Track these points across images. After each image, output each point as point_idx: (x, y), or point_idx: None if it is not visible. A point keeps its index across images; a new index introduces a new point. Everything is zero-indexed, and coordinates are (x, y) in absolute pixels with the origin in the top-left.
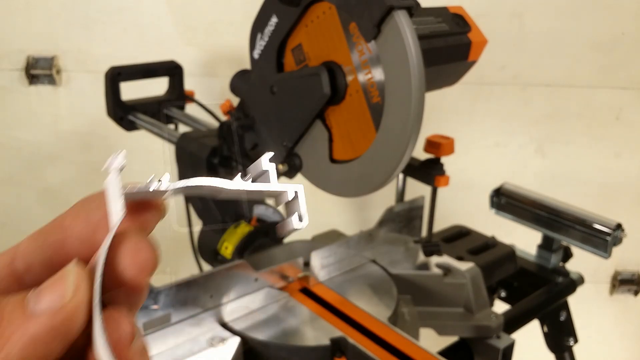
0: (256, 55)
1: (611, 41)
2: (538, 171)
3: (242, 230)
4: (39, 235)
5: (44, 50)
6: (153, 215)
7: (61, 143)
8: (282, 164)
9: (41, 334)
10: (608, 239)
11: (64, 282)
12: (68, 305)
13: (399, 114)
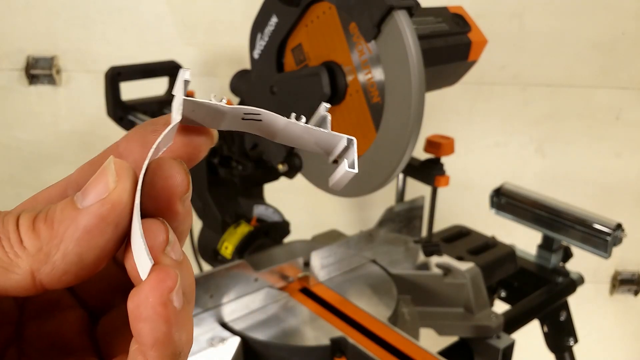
0: (256, 55)
1: (611, 41)
2: (538, 171)
3: (242, 230)
4: (92, 163)
5: (43, 50)
6: (204, 141)
7: (61, 143)
8: (282, 163)
9: (92, 224)
10: (608, 239)
11: (106, 174)
12: (113, 193)
13: (399, 114)
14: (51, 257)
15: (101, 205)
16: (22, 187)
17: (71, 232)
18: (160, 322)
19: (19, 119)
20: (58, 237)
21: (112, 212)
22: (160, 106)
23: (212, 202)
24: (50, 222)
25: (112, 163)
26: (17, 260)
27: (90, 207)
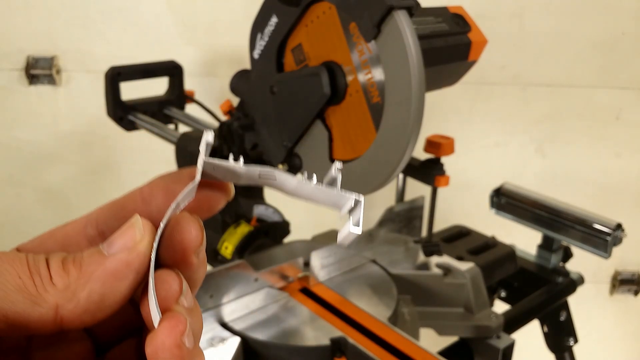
0: (256, 55)
1: (611, 41)
2: (538, 171)
3: (242, 230)
4: (115, 204)
5: (43, 50)
6: (221, 196)
7: (61, 143)
8: (282, 164)
9: (118, 268)
10: (608, 239)
11: (133, 228)
12: (139, 244)
13: (399, 114)
14: (77, 295)
15: (128, 253)
16: (22, 187)
17: (98, 273)
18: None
19: (19, 119)
20: (85, 276)
21: (136, 260)
22: (160, 106)
23: None
24: (79, 263)
25: (139, 220)
26: (45, 295)
27: (116, 254)
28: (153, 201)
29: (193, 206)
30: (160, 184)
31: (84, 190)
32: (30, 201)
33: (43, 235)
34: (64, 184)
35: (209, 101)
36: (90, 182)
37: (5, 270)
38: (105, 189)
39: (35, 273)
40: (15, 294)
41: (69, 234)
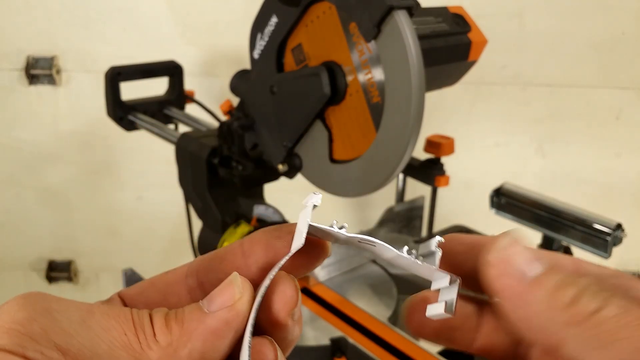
0: (256, 55)
1: (611, 41)
2: (538, 171)
3: (242, 230)
4: (215, 256)
5: (44, 50)
6: (319, 255)
7: (61, 143)
8: (282, 163)
9: (218, 327)
10: (608, 239)
11: (232, 286)
12: (238, 302)
13: (399, 114)
14: (178, 352)
15: (228, 311)
16: (22, 187)
17: (200, 331)
18: None
19: (19, 119)
20: (187, 334)
21: (236, 319)
22: (160, 106)
23: (212, 202)
24: (181, 321)
25: (238, 278)
26: (148, 352)
27: (217, 312)
28: (252, 256)
29: (289, 265)
30: (261, 238)
31: (84, 190)
32: (30, 201)
33: (144, 283)
34: (64, 184)
35: (209, 101)
36: (90, 182)
37: (112, 327)
38: (105, 189)
39: (140, 330)
40: (120, 350)
41: (169, 283)
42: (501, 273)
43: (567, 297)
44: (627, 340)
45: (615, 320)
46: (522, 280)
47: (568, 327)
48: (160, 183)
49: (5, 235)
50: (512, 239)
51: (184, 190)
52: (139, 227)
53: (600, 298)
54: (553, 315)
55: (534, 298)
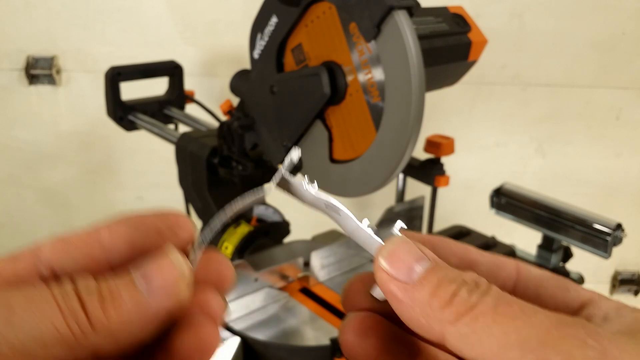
0: (256, 55)
1: (611, 41)
2: (538, 171)
3: (242, 230)
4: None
5: (44, 50)
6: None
7: (61, 143)
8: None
9: (160, 317)
10: (608, 239)
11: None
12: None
13: (399, 114)
14: (117, 339)
15: (170, 301)
16: (22, 187)
17: (140, 319)
18: None
19: (19, 119)
20: (127, 322)
21: (179, 309)
22: (160, 106)
23: (212, 202)
24: (120, 307)
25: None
26: (84, 342)
27: (158, 299)
28: (114, 254)
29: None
30: (123, 234)
31: (84, 190)
32: (30, 201)
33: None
34: (64, 184)
35: (209, 101)
36: (90, 182)
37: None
38: (105, 189)
39: (71, 319)
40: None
41: (20, 276)
42: (387, 278)
43: (445, 296)
44: (495, 336)
45: (485, 318)
46: (407, 284)
47: (448, 325)
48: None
49: (5, 235)
50: (399, 242)
51: (184, 190)
52: None
53: (476, 295)
54: (435, 314)
55: (416, 300)
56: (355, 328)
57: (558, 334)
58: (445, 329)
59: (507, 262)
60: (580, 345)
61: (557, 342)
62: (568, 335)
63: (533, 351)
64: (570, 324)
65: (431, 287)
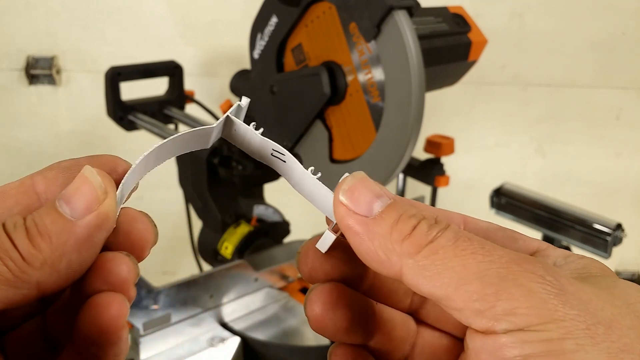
0: (256, 55)
1: (611, 41)
2: (538, 171)
3: (242, 230)
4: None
5: (44, 50)
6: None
7: (61, 143)
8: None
9: (90, 235)
10: (608, 239)
11: (92, 184)
12: (104, 205)
13: (399, 114)
14: (56, 268)
15: (96, 217)
16: None
17: (72, 243)
18: None
19: (19, 119)
20: (59, 249)
21: (106, 222)
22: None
23: (212, 202)
24: (47, 235)
25: (95, 173)
26: (23, 277)
27: (84, 220)
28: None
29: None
30: (59, 180)
31: None
32: None
33: None
34: None
35: (209, 101)
36: None
37: None
38: None
39: (7, 258)
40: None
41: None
42: (347, 212)
43: (405, 228)
44: (454, 269)
45: (445, 251)
46: (366, 217)
47: (405, 258)
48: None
49: None
50: (359, 178)
51: (184, 190)
52: None
53: (436, 229)
54: (394, 247)
55: (376, 233)
56: (323, 300)
57: (518, 268)
58: (404, 261)
59: (454, 215)
60: (539, 281)
61: (517, 277)
62: (527, 271)
63: (493, 284)
64: (530, 261)
65: (391, 221)
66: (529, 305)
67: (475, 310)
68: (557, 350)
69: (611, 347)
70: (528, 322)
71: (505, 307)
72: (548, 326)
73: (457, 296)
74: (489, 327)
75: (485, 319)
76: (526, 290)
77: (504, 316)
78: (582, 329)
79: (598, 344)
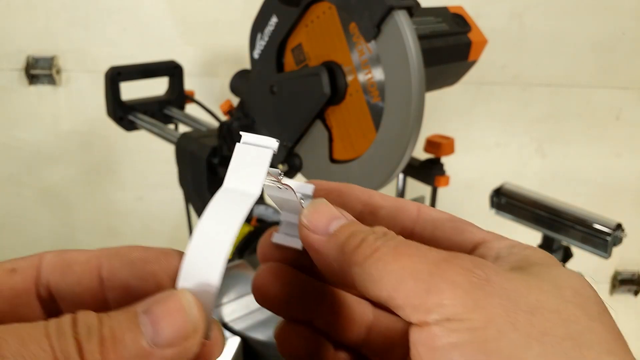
0: (256, 55)
1: (611, 41)
2: (538, 171)
3: (242, 230)
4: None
5: (44, 50)
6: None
7: (61, 143)
8: (282, 163)
9: None
10: (608, 239)
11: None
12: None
13: (399, 114)
14: None
15: (178, 354)
16: (22, 187)
17: None
18: None
19: (19, 119)
20: None
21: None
22: (160, 106)
23: None
24: (119, 353)
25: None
26: None
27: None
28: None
29: None
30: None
31: (84, 190)
32: (30, 201)
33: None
34: (64, 184)
35: (209, 101)
36: (90, 182)
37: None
38: (106, 189)
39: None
40: None
41: (18, 292)
42: (307, 233)
43: (355, 242)
44: (394, 272)
45: (386, 257)
46: (324, 235)
47: (356, 267)
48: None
49: (5, 235)
50: (319, 204)
51: (184, 190)
52: (139, 227)
53: (381, 240)
54: (344, 259)
55: (331, 247)
56: (267, 274)
57: (446, 265)
58: (354, 270)
59: (409, 205)
60: (465, 274)
61: (445, 272)
62: (455, 266)
63: (424, 281)
64: (459, 257)
65: (344, 237)
66: (454, 296)
67: (412, 305)
68: (480, 338)
69: (532, 331)
70: (454, 312)
71: (434, 300)
72: (472, 315)
73: (397, 295)
74: (423, 319)
75: (420, 313)
76: (452, 284)
77: (434, 307)
78: (503, 316)
79: (518, 330)
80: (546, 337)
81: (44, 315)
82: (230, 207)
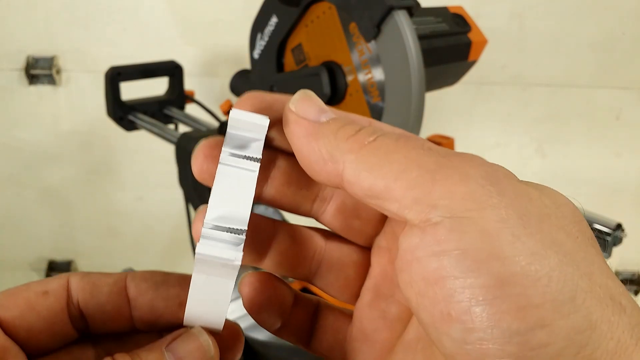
0: (256, 55)
1: (611, 41)
2: (538, 171)
3: None
4: (94, 286)
5: (44, 50)
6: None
7: (61, 143)
8: None
9: None
10: (608, 239)
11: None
12: None
13: (399, 114)
14: None
15: None
16: (22, 187)
17: None
18: None
19: (19, 119)
20: None
21: None
22: (160, 106)
23: None
24: None
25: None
26: None
27: None
28: (137, 308)
29: None
30: (147, 295)
31: (84, 190)
32: (30, 201)
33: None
34: (64, 184)
35: (209, 101)
36: (90, 182)
37: None
38: (106, 189)
39: None
40: None
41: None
42: (295, 118)
43: (350, 131)
44: (396, 161)
45: (387, 146)
46: (314, 123)
47: (348, 154)
48: (160, 183)
49: (5, 235)
50: (307, 93)
51: (184, 190)
52: (139, 227)
53: (379, 133)
54: (337, 143)
55: (321, 132)
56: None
57: (457, 158)
58: (347, 157)
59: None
60: (477, 168)
61: (455, 163)
62: (466, 159)
63: (431, 171)
64: (470, 154)
65: (337, 126)
66: (465, 189)
67: (413, 198)
68: (494, 242)
69: (544, 239)
70: (464, 206)
71: (441, 191)
72: (484, 212)
73: (397, 185)
74: (425, 216)
75: (422, 206)
76: (464, 174)
77: (440, 200)
78: (516, 218)
79: (533, 235)
80: (557, 246)
81: (75, 332)
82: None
